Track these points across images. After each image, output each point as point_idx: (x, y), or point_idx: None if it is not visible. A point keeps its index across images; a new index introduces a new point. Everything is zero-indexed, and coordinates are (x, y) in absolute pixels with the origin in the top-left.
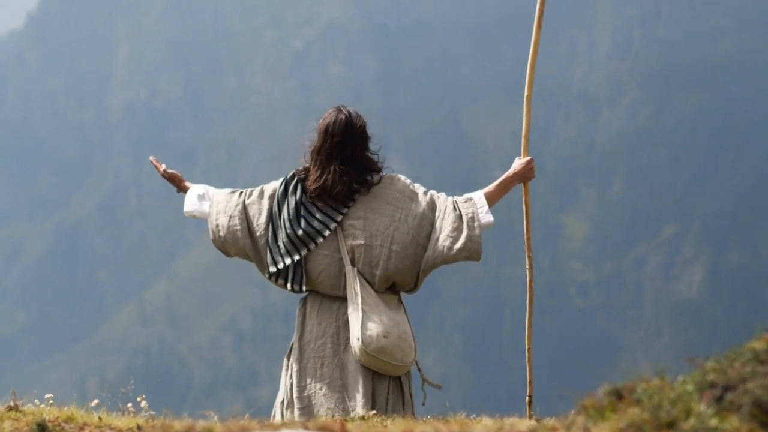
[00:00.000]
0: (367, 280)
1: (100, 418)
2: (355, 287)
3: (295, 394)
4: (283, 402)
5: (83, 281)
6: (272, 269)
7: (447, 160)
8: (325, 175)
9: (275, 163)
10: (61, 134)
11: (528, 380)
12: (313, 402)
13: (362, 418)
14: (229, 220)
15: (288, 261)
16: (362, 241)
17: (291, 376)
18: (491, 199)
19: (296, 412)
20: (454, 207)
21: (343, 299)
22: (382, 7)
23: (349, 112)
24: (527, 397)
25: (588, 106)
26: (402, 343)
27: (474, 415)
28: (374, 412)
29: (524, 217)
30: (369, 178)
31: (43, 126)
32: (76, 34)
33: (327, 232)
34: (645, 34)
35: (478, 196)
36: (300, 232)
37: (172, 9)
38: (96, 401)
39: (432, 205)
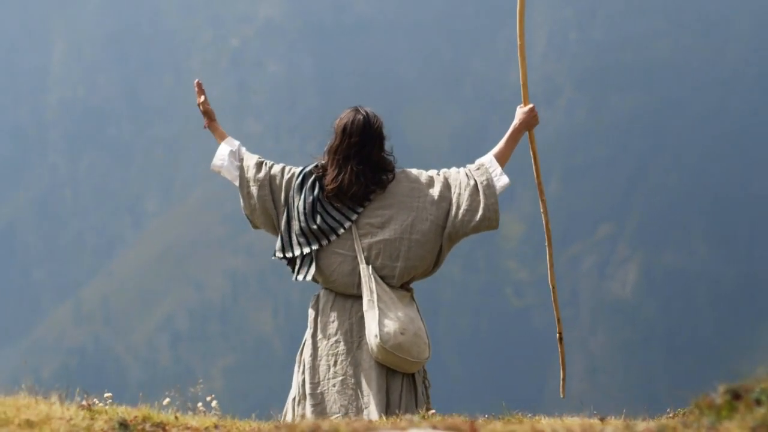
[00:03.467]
0: (386, 275)
1: (176, 417)
2: (370, 285)
3: (307, 391)
4: (295, 399)
5: (18, 280)
6: (279, 255)
7: None
8: (342, 175)
9: None
10: None
11: (556, 318)
12: (326, 399)
13: (423, 417)
14: (259, 190)
15: (297, 252)
16: (380, 237)
17: (303, 373)
18: (503, 157)
19: (308, 408)
20: (468, 177)
21: (356, 297)
22: (319, 5)
23: (367, 113)
24: (557, 334)
25: None
26: (418, 339)
27: (530, 415)
28: (433, 411)
29: (533, 162)
30: (384, 177)
31: None
32: (11, 30)
33: (341, 230)
34: (581, 35)
35: (489, 160)
36: (314, 227)
37: (109, 6)
38: (167, 400)
39: (447, 184)
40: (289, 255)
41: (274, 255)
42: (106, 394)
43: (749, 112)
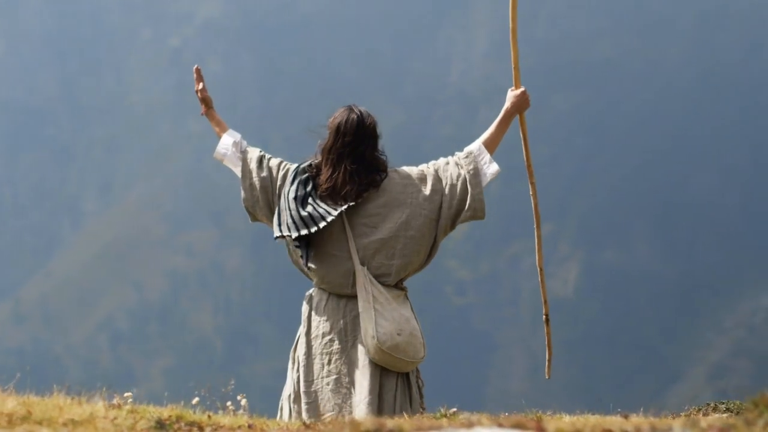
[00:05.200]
0: (383, 273)
1: (209, 416)
2: (366, 286)
3: (302, 389)
4: (290, 396)
5: None
6: (277, 233)
7: None
8: (335, 175)
9: (154, 161)
10: None
11: (543, 300)
12: (320, 397)
13: (445, 415)
14: (262, 181)
15: (287, 234)
16: (376, 237)
17: (298, 370)
18: (492, 142)
19: (303, 406)
20: (458, 166)
21: (349, 297)
22: (260, 4)
23: (361, 112)
24: (544, 316)
25: (465, 105)
26: (413, 339)
27: (549, 413)
28: (454, 409)
29: (523, 145)
30: (378, 177)
31: None
32: None
33: (330, 218)
34: (522, 34)
35: (477, 147)
36: (304, 214)
37: (48, 4)
38: (196, 399)
39: (437, 177)
40: (286, 233)
41: (276, 236)
42: (126, 393)
43: (690, 112)
